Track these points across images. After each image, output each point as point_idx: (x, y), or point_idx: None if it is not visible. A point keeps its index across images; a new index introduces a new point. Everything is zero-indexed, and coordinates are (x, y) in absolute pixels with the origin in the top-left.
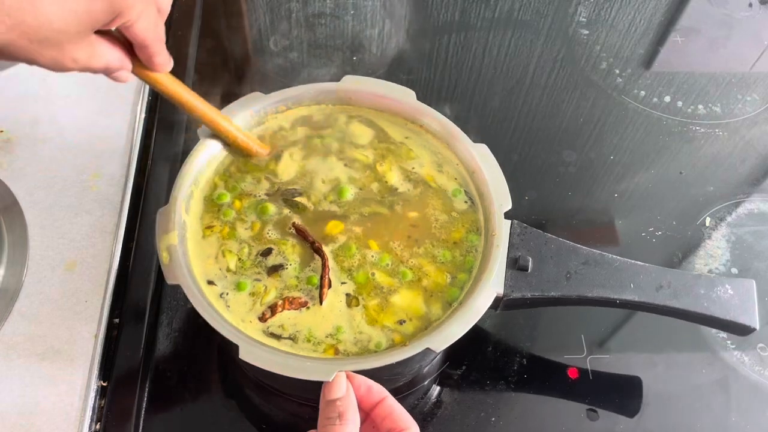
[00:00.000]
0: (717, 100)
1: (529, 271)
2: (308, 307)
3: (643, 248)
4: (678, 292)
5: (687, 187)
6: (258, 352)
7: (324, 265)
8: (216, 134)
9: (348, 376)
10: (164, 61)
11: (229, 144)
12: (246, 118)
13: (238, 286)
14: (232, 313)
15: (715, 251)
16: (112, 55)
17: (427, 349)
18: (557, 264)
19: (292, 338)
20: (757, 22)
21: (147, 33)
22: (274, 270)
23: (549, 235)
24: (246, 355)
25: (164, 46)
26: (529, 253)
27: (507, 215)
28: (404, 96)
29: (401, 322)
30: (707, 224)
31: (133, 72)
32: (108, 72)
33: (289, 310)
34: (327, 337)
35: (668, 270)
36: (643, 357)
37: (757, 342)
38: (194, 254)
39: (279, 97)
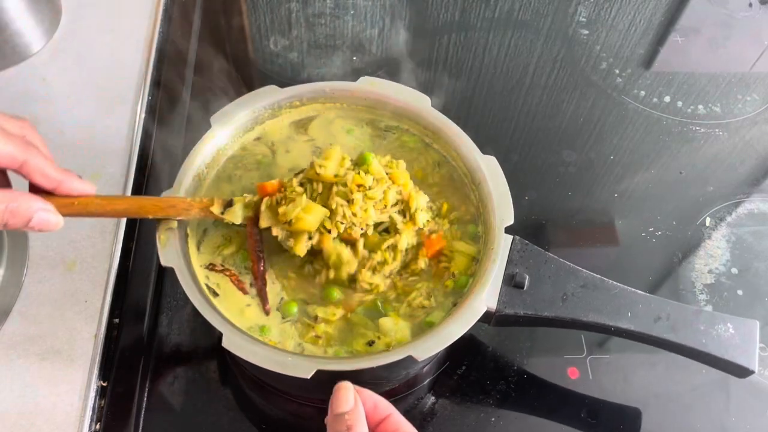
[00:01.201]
0: (717, 100)
1: (525, 288)
2: (244, 293)
3: (643, 248)
4: (676, 326)
5: (687, 187)
6: (240, 342)
7: (256, 274)
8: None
9: (355, 390)
10: (60, 174)
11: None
12: (259, 110)
13: (214, 224)
14: (201, 255)
15: (715, 251)
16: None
17: (410, 356)
18: (555, 284)
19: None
20: (757, 22)
21: (6, 146)
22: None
23: (550, 254)
24: (228, 344)
25: (50, 159)
26: (527, 271)
27: (509, 230)
28: (419, 101)
29: (370, 343)
30: (707, 224)
31: (62, 212)
32: (20, 216)
33: (223, 275)
34: (249, 329)
35: (669, 302)
36: (643, 357)
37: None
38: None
39: (294, 92)
